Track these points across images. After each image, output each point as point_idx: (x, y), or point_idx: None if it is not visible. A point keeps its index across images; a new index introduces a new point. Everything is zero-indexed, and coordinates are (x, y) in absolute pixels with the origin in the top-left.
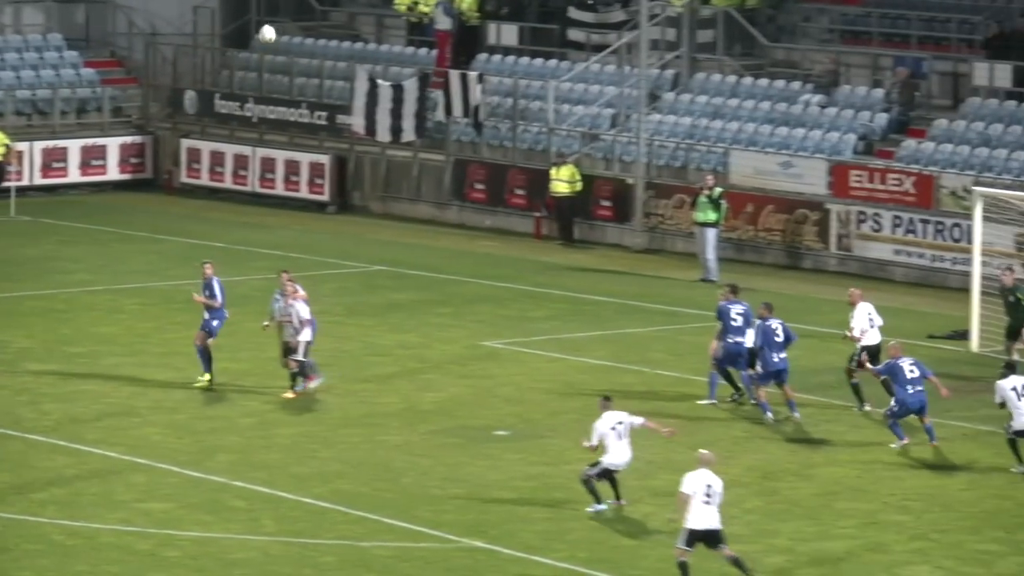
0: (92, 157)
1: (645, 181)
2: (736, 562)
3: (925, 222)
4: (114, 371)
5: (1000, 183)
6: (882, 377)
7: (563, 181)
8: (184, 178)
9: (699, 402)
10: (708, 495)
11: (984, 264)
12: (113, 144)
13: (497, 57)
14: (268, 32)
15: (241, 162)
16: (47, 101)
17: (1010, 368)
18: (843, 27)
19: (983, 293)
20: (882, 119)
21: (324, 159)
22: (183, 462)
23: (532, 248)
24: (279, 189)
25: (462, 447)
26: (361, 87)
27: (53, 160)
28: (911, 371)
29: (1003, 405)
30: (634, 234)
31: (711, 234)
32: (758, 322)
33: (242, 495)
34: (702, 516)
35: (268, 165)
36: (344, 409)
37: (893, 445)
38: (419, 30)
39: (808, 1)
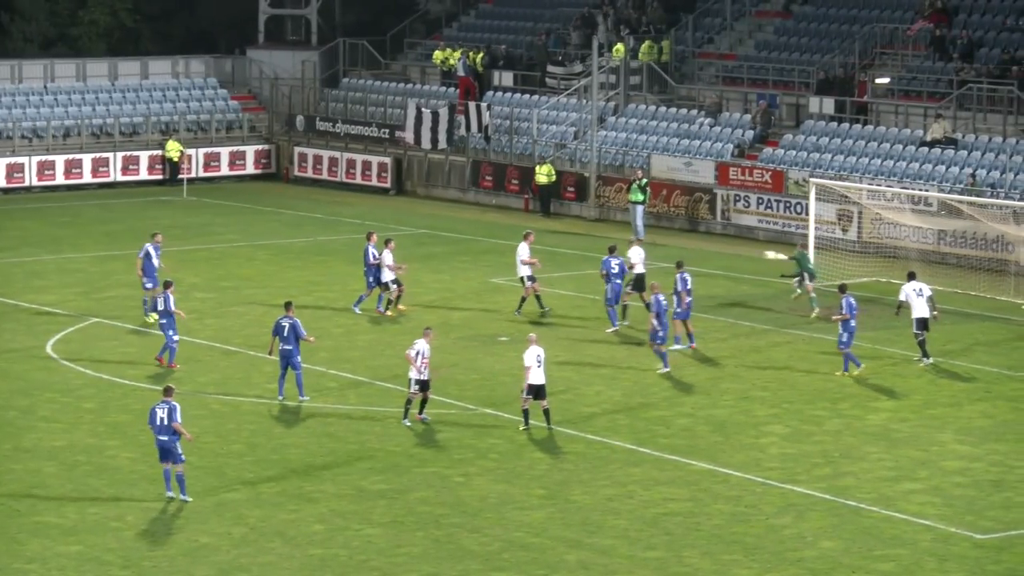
0: (236, 159)
1: (596, 174)
2: (547, 412)
3: (778, 201)
4: (251, 299)
5: (827, 176)
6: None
7: (543, 174)
8: (296, 173)
9: (607, 331)
10: (539, 361)
11: (816, 228)
12: (250, 150)
13: (500, 94)
14: (771, 254)
15: (333, 162)
16: (207, 122)
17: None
18: (724, 74)
19: (816, 248)
20: (749, 134)
21: (387, 160)
22: (319, 361)
23: (523, 218)
24: (358, 179)
25: (478, 347)
26: (411, 113)
27: (211, 161)
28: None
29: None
30: (589, 209)
31: (640, 209)
32: (677, 275)
33: (335, 380)
34: (536, 375)
35: (351, 164)
36: (404, 322)
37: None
38: (448, 76)
39: (701, 56)
